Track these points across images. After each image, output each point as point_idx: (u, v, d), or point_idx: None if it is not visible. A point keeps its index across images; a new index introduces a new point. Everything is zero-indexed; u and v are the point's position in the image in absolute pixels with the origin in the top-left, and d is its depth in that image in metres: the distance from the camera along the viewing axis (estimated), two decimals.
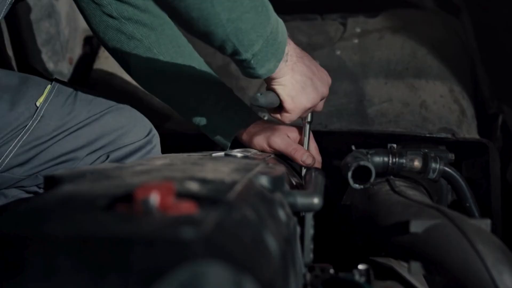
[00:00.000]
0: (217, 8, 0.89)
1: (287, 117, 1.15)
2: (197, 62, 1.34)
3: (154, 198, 0.51)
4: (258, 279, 0.49)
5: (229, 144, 1.30)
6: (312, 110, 1.21)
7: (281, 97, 1.12)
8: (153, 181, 0.62)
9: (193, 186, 0.63)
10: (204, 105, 1.29)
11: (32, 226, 0.50)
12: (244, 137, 1.29)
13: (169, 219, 0.50)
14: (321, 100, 1.17)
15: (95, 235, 0.47)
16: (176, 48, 1.32)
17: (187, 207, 0.53)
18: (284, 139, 1.25)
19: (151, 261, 0.44)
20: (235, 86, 1.70)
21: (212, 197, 0.58)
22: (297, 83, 1.11)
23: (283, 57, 1.06)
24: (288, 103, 1.12)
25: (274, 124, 1.29)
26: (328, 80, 1.18)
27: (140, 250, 0.45)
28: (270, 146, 1.25)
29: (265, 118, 1.53)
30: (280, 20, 1.04)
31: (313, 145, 1.29)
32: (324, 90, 1.16)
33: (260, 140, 1.26)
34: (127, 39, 1.29)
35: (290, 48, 1.08)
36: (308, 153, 1.22)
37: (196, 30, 0.93)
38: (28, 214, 0.54)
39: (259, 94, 1.10)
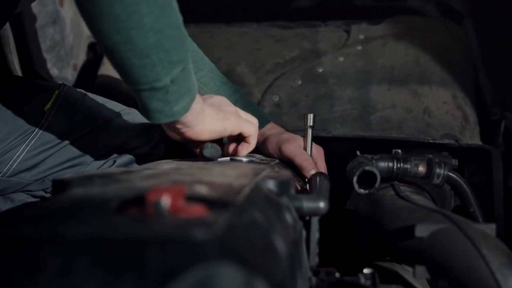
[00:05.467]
0: (143, 9, 0.76)
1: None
2: (209, 65, 1.32)
3: (165, 201, 0.52)
4: (269, 280, 0.50)
5: None
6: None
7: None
8: (163, 185, 0.63)
9: (202, 190, 0.64)
10: None
11: (46, 229, 0.51)
12: (258, 138, 1.25)
13: (181, 221, 0.50)
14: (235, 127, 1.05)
15: (109, 236, 0.48)
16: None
17: (198, 210, 0.54)
18: (297, 148, 1.23)
19: (165, 262, 0.45)
20: None
21: (222, 200, 0.58)
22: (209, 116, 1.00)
23: (196, 97, 0.92)
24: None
25: (286, 132, 1.28)
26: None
27: (153, 251, 0.46)
28: (281, 151, 1.23)
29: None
30: None
31: (316, 150, 1.28)
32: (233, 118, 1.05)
33: (272, 144, 1.25)
34: None
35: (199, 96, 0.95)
36: (316, 169, 1.21)
37: (112, 35, 0.77)
38: (41, 217, 0.54)
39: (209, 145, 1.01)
